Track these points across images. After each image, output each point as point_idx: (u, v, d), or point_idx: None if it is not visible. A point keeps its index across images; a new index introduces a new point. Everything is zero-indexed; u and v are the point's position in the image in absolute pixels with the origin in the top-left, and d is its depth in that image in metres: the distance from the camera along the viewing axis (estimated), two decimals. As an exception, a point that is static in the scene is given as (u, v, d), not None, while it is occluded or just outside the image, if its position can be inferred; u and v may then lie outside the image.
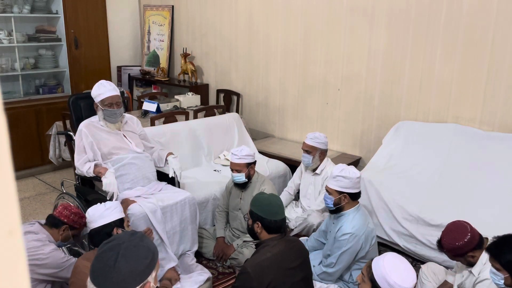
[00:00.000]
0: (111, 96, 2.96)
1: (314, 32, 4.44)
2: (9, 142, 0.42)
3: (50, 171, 5.13)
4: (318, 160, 3.47)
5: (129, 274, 1.39)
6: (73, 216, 2.44)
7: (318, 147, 3.43)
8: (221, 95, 5.50)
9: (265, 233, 2.25)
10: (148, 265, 1.44)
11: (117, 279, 1.38)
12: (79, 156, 2.95)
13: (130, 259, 1.41)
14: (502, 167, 3.17)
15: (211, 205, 3.55)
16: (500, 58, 3.37)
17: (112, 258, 1.41)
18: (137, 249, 1.45)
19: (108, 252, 1.44)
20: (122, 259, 1.40)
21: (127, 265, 1.40)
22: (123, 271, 1.39)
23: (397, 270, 1.83)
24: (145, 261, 1.44)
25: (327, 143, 3.50)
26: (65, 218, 2.41)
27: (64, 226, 2.40)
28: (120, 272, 1.39)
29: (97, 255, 1.47)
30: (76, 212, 2.47)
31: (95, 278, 1.40)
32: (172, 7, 5.86)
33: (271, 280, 2.06)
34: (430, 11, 3.64)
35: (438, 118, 3.75)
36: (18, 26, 4.97)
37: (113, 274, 1.38)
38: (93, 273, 1.42)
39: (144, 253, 1.45)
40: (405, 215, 3.20)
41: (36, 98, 5.12)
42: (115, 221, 2.22)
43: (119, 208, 2.31)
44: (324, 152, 3.50)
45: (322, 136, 3.47)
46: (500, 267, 1.92)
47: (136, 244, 1.46)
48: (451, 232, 2.20)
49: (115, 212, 2.25)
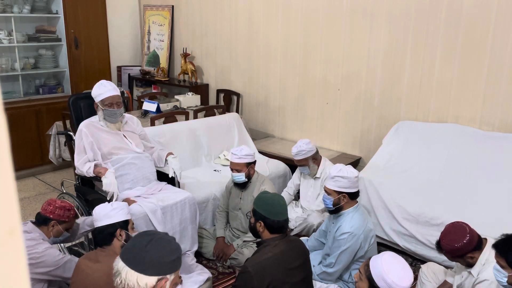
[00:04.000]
0: (111, 96, 2.95)
1: (314, 32, 4.44)
2: (9, 142, 0.42)
3: (50, 171, 5.13)
4: (315, 165, 3.47)
5: (156, 260, 1.51)
6: (58, 211, 2.38)
7: (307, 156, 3.42)
8: (221, 95, 5.50)
9: (267, 232, 2.25)
10: (173, 261, 1.54)
11: (143, 259, 1.50)
12: (79, 156, 2.95)
13: (161, 248, 1.53)
14: (502, 167, 3.17)
15: (211, 205, 3.55)
16: (500, 58, 3.37)
17: (146, 240, 1.53)
18: (169, 243, 1.56)
19: (144, 236, 1.57)
20: (155, 244, 1.53)
21: (157, 251, 1.52)
22: (150, 255, 1.51)
23: (395, 269, 1.83)
24: (172, 257, 1.54)
25: (313, 147, 3.45)
26: (50, 214, 2.36)
27: (51, 222, 2.37)
28: (148, 253, 1.51)
29: (133, 237, 1.63)
30: (61, 206, 2.40)
31: (124, 253, 1.54)
32: (172, 7, 5.86)
33: (272, 280, 2.06)
34: (430, 11, 3.64)
35: (438, 118, 3.75)
36: (18, 26, 4.97)
37: (142, 254, 1.51)
38: (124, 250, 1.56)
39: (173, 249, 1.56)
40: (405, 215, 3.20)
41: (36, 98, 5.12)
42: (119, 222, 2.21)
43: (126, 210, 2.29)
44: (316, 155, 3.47)
45: (304, 145, 3.41)
46: (505, 264, 1.91)
47: (169, 240, 1.58)
48: (450, 234, 2.20)
49: (121, 214, 2.24)
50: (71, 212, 2.42)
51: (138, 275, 1.49)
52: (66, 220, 2.41)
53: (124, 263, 1.51)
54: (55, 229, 2.39)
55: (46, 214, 2.38)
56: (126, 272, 1.50)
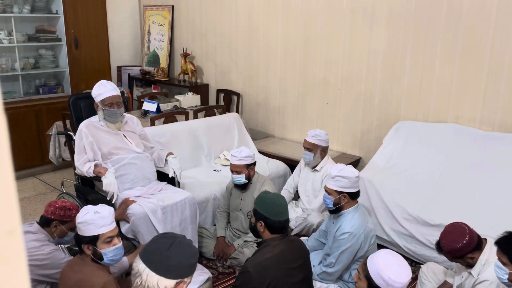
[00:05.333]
0: (112, 96, 2.95)
1: (314, 32, 4.44)
2: (9, 142, 0.42)
3: (50, 171, 5.12)
4: (319, 157, 3.49)
5: (177, 264, 1.53)
6: (59, 211, 2.36)
7: (319, 144, 3.45)
8: (221, 95, 5.50)
9: (267, 232, 2.25)
10: (191, 265, 1.58)
11: (165, 262, 1.52)
12: (79, 156, 2.95)
13: (182, 252, 1.56)
14: (502, 167, 3.17)
15: (211, 205, 3.55)
16: (500, 58, 3.37)
17: (167, 243, 1.56)
18: (189, 247, 1.60)
19: (165, 239, 1.59)
20: (176, 247, 1.56)
21: (178, 255, 1.55)
22: (172, 258, 1.54)
23: (391, 266, 1.84)
24: (191, 260, 1.58)
25: (328, 140, 3.52)
26: (51, 214, 2.35)
27: (53, 222, 2.35)
28: (169, 257, 1.53)
29: (153, 240, 1.64)
30: (61, 206, 2.38)
31: (145, 255, 1.55)
32: (172, 7, 5.86)
33: (272, 280, 2.06)
34: (430, 11, 3.64)
35: (438, 118, 3.76)
36: (18, 26, 4.97)
37: (164, 257, 1.53)
38: (145, 251, 1.57)
39: (192, 253, 1.60)
40: (405, 215, 3.20)
41: (36, 98, 5.12)
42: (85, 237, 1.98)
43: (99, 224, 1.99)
44: (325, 149, 3.52)
45: (323, 133, 3.49)
46: (507, 261, 1.91)
47: (188, 244, 1.61)
48: (450, 234, 2.20)
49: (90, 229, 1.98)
50: (72, 211, 2.40)
51: (159, 277, 1.52)
52: (67, 220, 2.38)
53: (145, 265, 1.54)
54: (58, 230, 2.37)
55: (47, 215, 2.36)
56: (147, 274, 1.53)
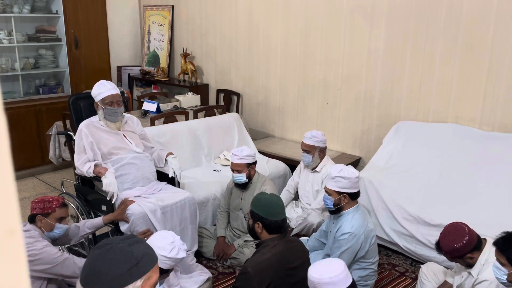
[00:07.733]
0: (112, 94, 2.96)
1: (314, 32, 4.44)
2: (9, 142, 0.42)
3: (50, 171, 5.12)
4: (318, 158, 3.48)
5: (104, 276, 1.36)
6: (38, 205, 2.43)
7: (317, 145, 3.44)
8: (221, 95, 5.50)
9: (265, 233, 2.25)
10: (128, 270, 1.38)
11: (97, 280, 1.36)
12: (79, 156, 2.95)
13: (108, 262, 1.38)
14: (502, 167, 3.17)
15: (211, 205, 3.55)
16: (500, 58, 3.37)
17: (95, 256, 1.40)
18: (121, 252, 1.40)
19: (95, 250, 1.43)
20: (102, 259, 1.38)
21: (105, 267, 1.37)
22: (100, 273, 1.36)
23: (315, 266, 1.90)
24: (125, 266, 1.38)
25: (325, 141, 3.50)
26: (33, 210, 2.43)
27: (37, 217, 2.41)
28: (99, 273, 1.36)
29: (89, 254, 1.47)
30: (39, 200, 2.45)
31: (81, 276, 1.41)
32: (172, 7, 5.86)
33: (272, 280, 2.07)
34: (430, 11, 3.64)
35: (438, 118, 3.75)
36: (18, 26, 4.97)
37: (94, 273, 1.37)
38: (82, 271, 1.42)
39: (125, 258, 1.39)
40: (405, 215, 3.20)
41: (36, 98, 5.12)
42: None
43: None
44: (323, 150, 3.50)
45: (319, 134, 3.47)
46: (505, 262, 1.90)
47: (121, 248, 1.42)
48: (449, 234, 2.20)
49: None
50: (52, 203, 2.43)
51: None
52: (49, 212, 2.41)
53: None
54: (44, 223, 2.41)
55: (32, 212, 2.42)
56: None
